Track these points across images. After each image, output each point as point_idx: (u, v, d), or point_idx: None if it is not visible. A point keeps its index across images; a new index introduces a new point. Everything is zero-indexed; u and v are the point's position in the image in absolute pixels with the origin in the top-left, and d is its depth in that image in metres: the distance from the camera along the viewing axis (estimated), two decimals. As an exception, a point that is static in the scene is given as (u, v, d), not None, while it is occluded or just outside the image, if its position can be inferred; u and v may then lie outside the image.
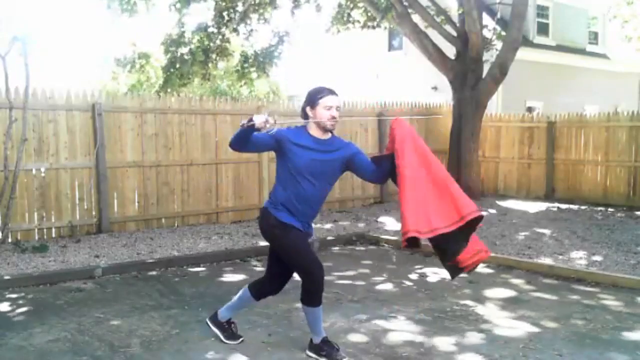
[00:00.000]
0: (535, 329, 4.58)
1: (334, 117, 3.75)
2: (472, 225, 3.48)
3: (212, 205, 9.55)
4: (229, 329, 4.23)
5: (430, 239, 3.54)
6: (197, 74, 13.51)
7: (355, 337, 4.38)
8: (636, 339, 4.38)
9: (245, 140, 3.63)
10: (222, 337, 4.21)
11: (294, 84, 23.70)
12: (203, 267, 6.86)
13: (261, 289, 4.07)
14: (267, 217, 3.84)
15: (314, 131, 3.81)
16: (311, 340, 3.98)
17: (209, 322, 4.29)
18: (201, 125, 9.38)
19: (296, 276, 3.90)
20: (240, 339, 4.22)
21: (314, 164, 3.75)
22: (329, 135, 3.85)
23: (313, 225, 4.06)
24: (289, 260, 3.84)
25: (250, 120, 3.53)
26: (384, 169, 3.87)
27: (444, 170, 3.69)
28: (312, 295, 3.78)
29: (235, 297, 4.19)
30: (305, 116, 3.81)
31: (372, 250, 7.82)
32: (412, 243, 3.50)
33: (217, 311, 4.29)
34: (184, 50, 12.94)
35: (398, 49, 18.85)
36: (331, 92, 3.81)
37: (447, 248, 3.56)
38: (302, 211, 3.80)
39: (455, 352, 4.11)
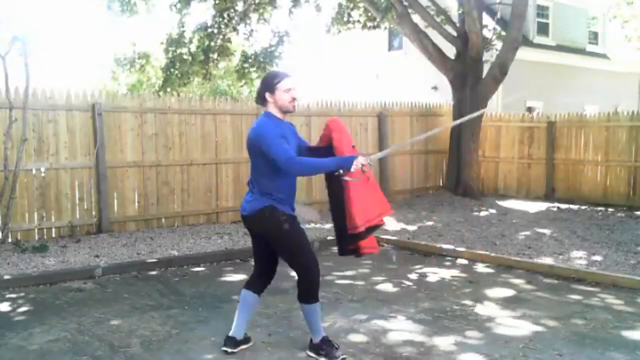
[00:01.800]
0: (535, 329, 4.58)
1: (294, 99, 3.80)
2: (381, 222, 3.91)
3: (212, 205, 9.55)
4: (244, 341, 4.11)
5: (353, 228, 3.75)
6: (197, 74, 13.52)
7: (355, 337, 4.38)
8: (636, 339, 4.38)
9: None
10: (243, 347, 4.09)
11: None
12: (203, 267, 6.87)
13: (258, 284, 4.06)
14: (275, 213, 3.77)
15: (279, 115, 3.84)
16: (311, 340, 3.97)
17: (226, 350, 4.02)
18: (201, 125, 9.38)
19: (296, 276, 3.90)
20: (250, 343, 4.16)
21: (294, 146, 3.84)
22: (285, 117, 3.90)
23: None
24: (290, 255, 3.84)
25: (349, 170, 3.59)
26: (317, 156, 3.90)
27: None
28: (309, 292, 3.80)
29: (240, 310, 4.05)
30: (263, 102, 3.85)
31: (372, 250, 7.81)
32: (354, 246, 3.93)
33: (229, 336, 4.04)
34: (183, 50, 12.95)
35: (398, 49, 18.86)
36: (287, 74, 3.86)
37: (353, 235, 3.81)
38: (293, 197, 3.89)
39: (455, 352, 4.11)
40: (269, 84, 3.81)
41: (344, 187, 3.71)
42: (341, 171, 3.63)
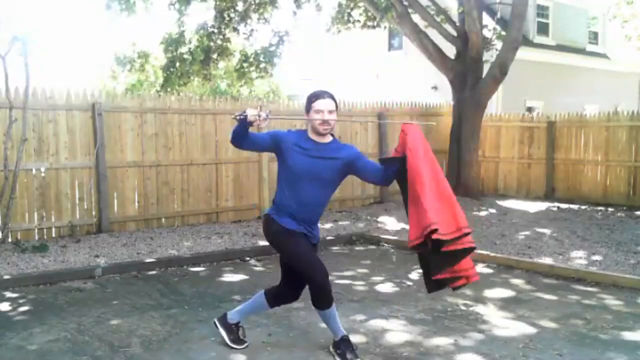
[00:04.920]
0: (535, 329, 4.57)
1: (325, 122, 3.69)
2: (463, 247, 3.44)
3: (212, 205, 9.55)
4: (235, 332, 4.15)
5: (423, 245, 3.43)
6: (197, 74, 13.52)
7: (355, 337, 4.37)
8: (636, 339, 4.38)
9: (242, 135, 3.65)
10: (227, 340, 4.11)
11: (294, 84, 23.71)
12: (203, 266, 6.86)
13: (277, 297, 4.03)
14: (270, 224, 3.82)
15: (313, 135, 3.78)
16: (333, 339, 3.97)
17: (217, 323, 4.18)
18: (201, 125, 9.37)
19: None
20: (245, 345, 4.12)
21: (312, 168, 3.71)
22: (329, 138, 3.81)
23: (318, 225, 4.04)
24: (294, 266, 3.82)
25: (243, 113, 3.53)
26: (390, 171, 3.75)
27: (446, 181, 3.60)
28: (319, 299, 3.77)
29: (249, 302, 4.13)
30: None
31: (372, 250, 7.82)
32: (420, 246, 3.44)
33: (226, 313, 4.21)
34: (183, 49, 12.95)
35: (398, 49, 18.86)
36: (323, 95, 3.74)
37: (431, 261, 3.49)
38: (303, 216, 3.78)
39: (455, 352, 4.11)
40: (306, 103, 3.79)
41: (416, 185, 3.38)
42: (237, 113, 3.54)
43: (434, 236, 3.32)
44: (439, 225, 3.33)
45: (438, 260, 3.43)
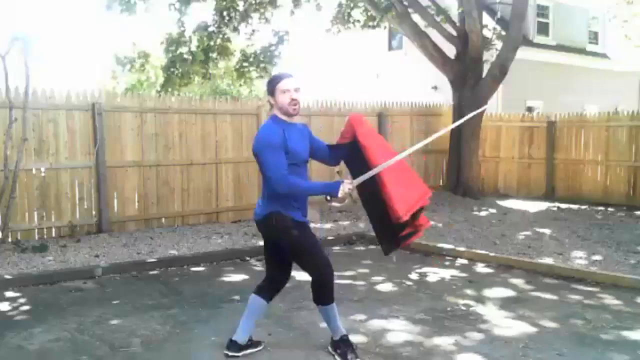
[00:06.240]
0: (536, 329, 4.58)
1: (294, 100, 3.67)
2: (425, 204, 3.82)
3: (212, 205, 9.55)
4: (251, 345, 4.04)
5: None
6: (197, 74, 13.52)
7: (355, 337, 4.37)
8: (636, 339, 4.38)
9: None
10: (247, 352, 4.00)
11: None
12: (203, 266, 6.86)
13: (271, 285, 3.98)
14: (281, 219, 3.69)
15: (284, 117, 3.71)
16: (332, 337, 3.97)
17: (231, 354, 3.93)
18: (201, 125, 9.37)
19: (296, 276, 3.89)
20: (261, 344, 4.10)
21: (305, 149, 3.77)
22: (297, 119, 3.80)
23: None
24: (302, 260, 3.78)
25: (335, 196, 3.57)
26: (339, 154, 4.01)
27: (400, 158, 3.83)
28: (324, 293, 3.77)
29: (245, 313, 3.97)
30: (271, 106, 3.79)
31: (372, 250, 7.81)
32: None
33: (234, 340, 3.95)
34: (184, 49, 12.95)
35: (398, 49, 18.85)
36: (286, 75, 3.75)
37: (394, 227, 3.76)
38: (303, 203, 3.79)
39: (455, 352, 4.11)
40: (269, 86, 3.75)
41: (378, 181, 3.66)
42: (328, 197, 3.63)
43: (407, 216, 3.65)
44: (420, 201, 3.75)
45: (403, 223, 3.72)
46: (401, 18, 12.62)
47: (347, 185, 3.60)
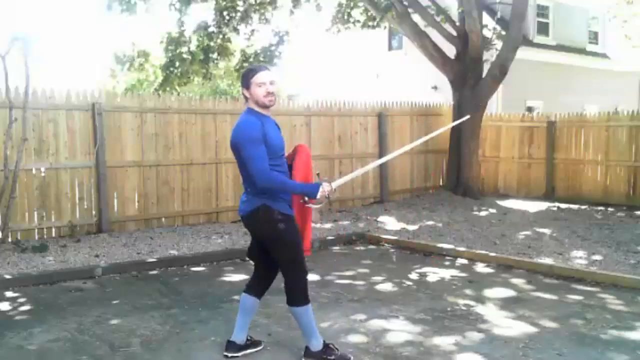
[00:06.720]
0: (535, 329, 4.58)
1: (269, 93, 3.65)
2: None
3: (212, 205, 9.55)
4: (251, 345, 4.06)
5: None
6: (197, 73, 13.52)
7: (355, 337, 4.37)
8: (636, 339, 4.38)
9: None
10: (247, 352, 4.02)
11: (294, 84, 23.70)
12: (203, 266, 6.86)
13: (260, 283, 3.97)
14: (269, 212, 3.65)
15: (259, 110, 3.70)
16: (307, 347, 3.86)
17: (230, 355, 3.96)
18: (201, 125, 9.37)
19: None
20: (260, 344, 4.14)
21: (281, 141, 3.75)
22: (268, 112, 3.77)
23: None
24: (284, 254, 3.71)
25: (314, 197, 3.63)
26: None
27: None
28: (300, 292, 3.71)
29: (239, 313, 3.99)
30: (246, 99, 3.76)
31: (372, 250, 7.82)
32: None
33: (232, 341, 3.98)
34: (183, 49, 12.95)
35: (398, 49, 18.85)
36: (261, 68, 3.72)
37: None
38: (289, 194, 3.76)
39: (455, 351, 4.11)
40: (243, 80, 3.72)
41: (307, 211, 3.83)
42: (306, 198, 3.68)
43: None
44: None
45: None
46: (401, 18, 12.61)
47: (327, 187, 3.63)
